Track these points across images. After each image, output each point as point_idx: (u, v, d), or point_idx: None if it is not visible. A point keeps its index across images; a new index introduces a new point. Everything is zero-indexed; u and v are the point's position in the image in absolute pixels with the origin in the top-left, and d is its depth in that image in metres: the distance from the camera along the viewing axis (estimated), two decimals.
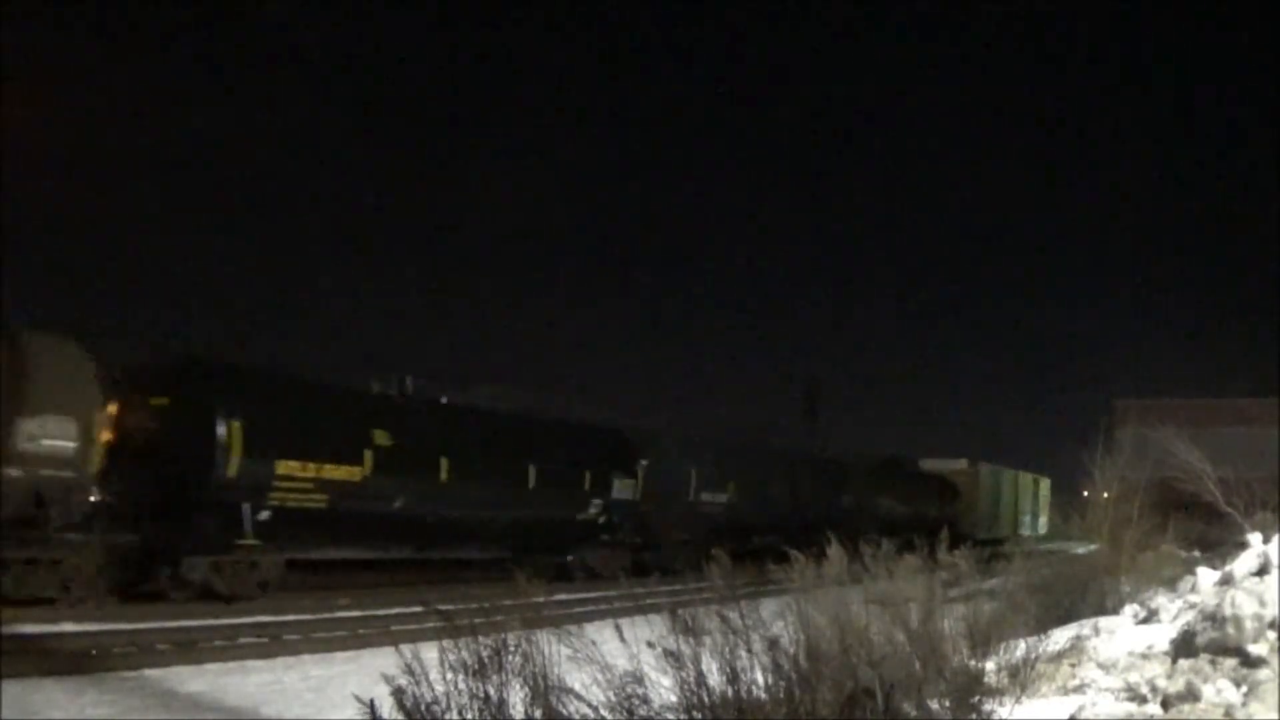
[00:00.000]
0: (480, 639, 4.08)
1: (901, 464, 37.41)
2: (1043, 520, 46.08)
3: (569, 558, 19.66)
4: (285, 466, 14.60)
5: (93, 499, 12.93)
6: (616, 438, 21.86)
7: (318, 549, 17.51)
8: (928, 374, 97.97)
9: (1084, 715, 5.17)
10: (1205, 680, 5.36)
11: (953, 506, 34.65)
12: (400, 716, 4.01)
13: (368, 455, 15.86)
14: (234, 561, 13.91)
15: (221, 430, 13.92)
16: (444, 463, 17.29)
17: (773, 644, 4.57)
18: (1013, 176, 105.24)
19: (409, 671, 4.03)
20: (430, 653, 4.22)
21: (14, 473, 12.01)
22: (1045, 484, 48.32)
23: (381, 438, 16.26)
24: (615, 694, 4.22)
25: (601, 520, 20.63)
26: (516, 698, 4.11)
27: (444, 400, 18.99)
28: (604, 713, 4.20)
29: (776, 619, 4.76)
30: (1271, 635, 5.67)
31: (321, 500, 15.17)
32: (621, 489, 20.87)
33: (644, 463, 21.57)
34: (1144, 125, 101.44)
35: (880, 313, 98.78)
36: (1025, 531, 40.30)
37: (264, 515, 14.37)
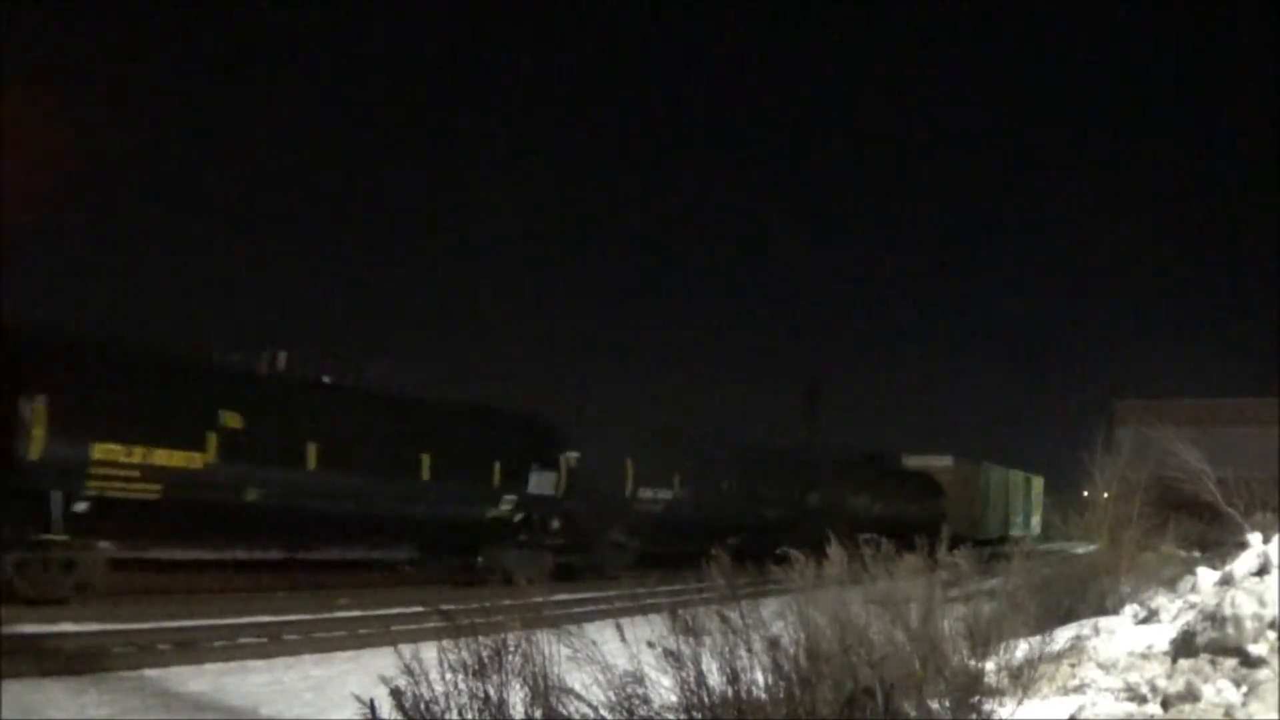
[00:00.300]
0: (480, 639, 5.03)
1: (879, 459, 39.55)
2: (1035, 520, 49.39)
3: (479, 560, 20.58)
4: (104, 450, 15.06)
5: None
6: (535, 425, 22.64)
7: (152, 546, 18.01)
8: (927, 372, 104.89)
9: (1084, 715, 6.38)
10: (1205, 680, 6.61)
11: (935, 505, 36.90)
12: (399, 717, 4.94)
13: (211, 438, 16.39)
14: (42, 559, 14.40)
15: (23, 407, 14.30)
16: (312, 449, 17.88)
17: (773, 644, 5.63)
18: (1012, 175, 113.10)
19: (408, 672, 4.96)
20: (430, 653, 5.17)
21: None
22: (1038, 483, 51.60)
23: (231, 419, 16.77)
24: (615, 694, 5.22)
25: (517, 519, 21.55)
26: (516, 698, 5.08)
27: (325, 379, 19.48)
28: (604, 713, 5.19)
29: (777, 619, 5.84)
30: (1271, 635, 6.96)
31: (153, 490, 15.64)
32: (540, 483, 21.76)
33: (570, 454, 22.48)
34: (1145, 124, 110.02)
35: (880, 311, 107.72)
36: (1016, 532, 43.17)
37: (80, 506, 14.83)
